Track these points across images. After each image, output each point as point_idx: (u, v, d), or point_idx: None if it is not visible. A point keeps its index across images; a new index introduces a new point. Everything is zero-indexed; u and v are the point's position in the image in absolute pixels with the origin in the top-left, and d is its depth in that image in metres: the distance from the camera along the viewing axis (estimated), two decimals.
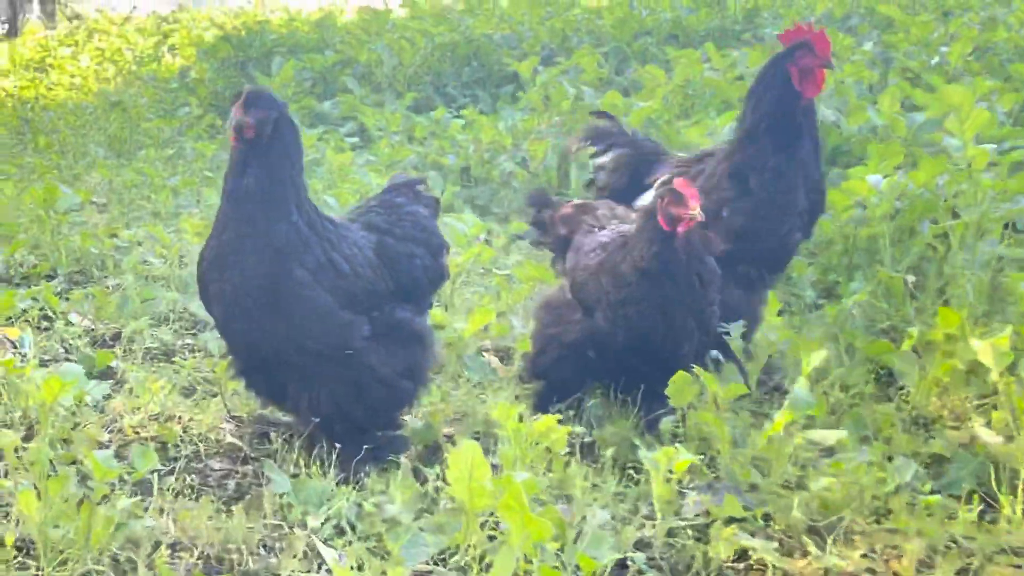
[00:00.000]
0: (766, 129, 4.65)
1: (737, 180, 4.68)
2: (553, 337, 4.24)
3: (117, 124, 11.83)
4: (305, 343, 3.75)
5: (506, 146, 8.89)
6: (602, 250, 4.15)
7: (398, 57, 12.20)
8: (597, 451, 3.99)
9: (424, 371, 4.06)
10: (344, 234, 3.91)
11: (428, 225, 4.22)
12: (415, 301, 4.09)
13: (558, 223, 4.53)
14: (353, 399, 3.86)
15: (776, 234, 4.67)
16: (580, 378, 4.26)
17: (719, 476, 3.72)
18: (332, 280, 3.77)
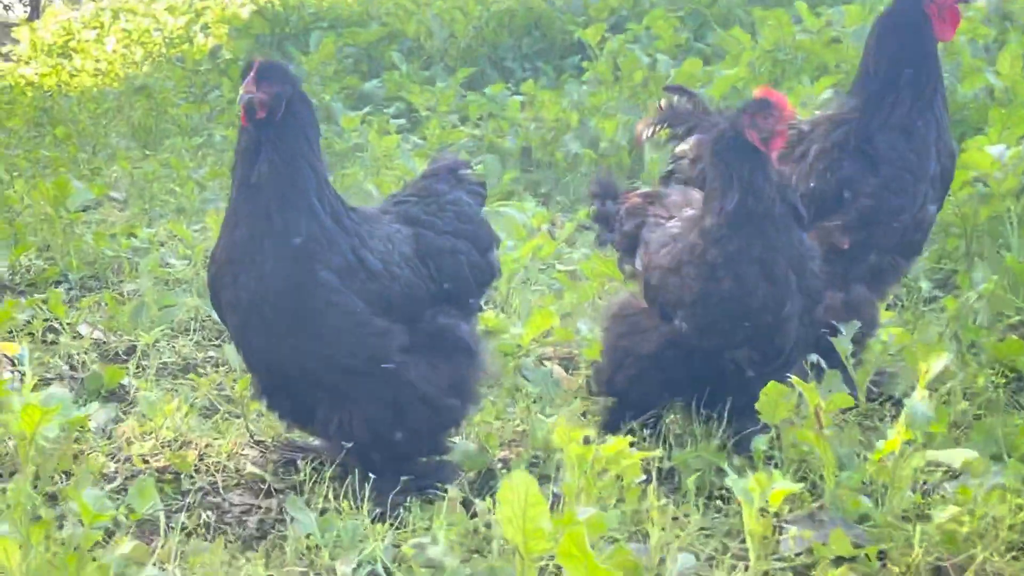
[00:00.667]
0: (894, 80, 4.47)
1: (859, 152, 4.49)
2: (627, 350, 4.04)
3: (141, 111, 11.83)
4: (334, 357, 3.60)
5: (571, 125, 8.76)
6: (676, 241, 3.93)
7: (449, 28, 12.09)
8: (677, 478, 3.79)
9: (473, 385, 3.90)
10: (375, 228, 3.76)
11: (474, 215, 4.04)
12: (461, 304, 3.92)
13: (624, 217, 4.30)
14: (391, 421, 3.69)
15: (910, 209, 4.45)
16: (659, 393, 4.06)
17: (823, 506, 3.48)
18: (363, 282, 3.61)
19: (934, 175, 4.47)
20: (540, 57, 11.72)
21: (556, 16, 11.90)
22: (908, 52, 4.46)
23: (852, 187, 4.44)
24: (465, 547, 3.31)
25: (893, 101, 4.46)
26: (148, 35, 19.71)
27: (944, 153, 4.51)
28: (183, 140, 10.47)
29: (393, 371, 3.64)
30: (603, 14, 11.59)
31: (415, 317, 3.74)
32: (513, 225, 6.53)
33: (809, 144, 4.57)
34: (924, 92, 4.45)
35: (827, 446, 3.48)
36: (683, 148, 4.97)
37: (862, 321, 4.33)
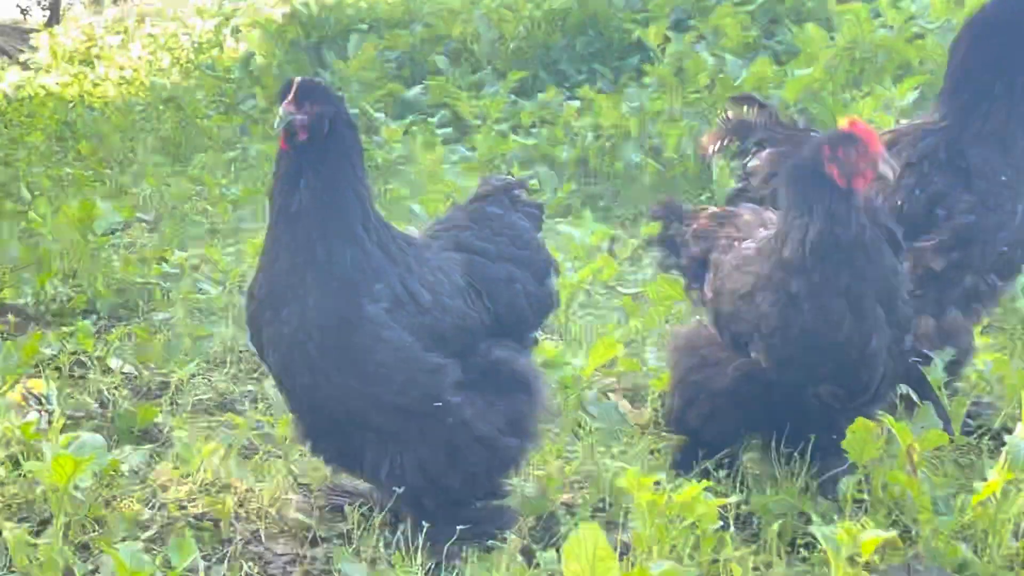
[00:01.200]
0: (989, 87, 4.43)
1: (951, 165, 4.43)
2: (699, 385, 4.03)
3: (171, 123, 11.92)
4: (383, 396, 3.58)
5: (631, 132, 8.71)
6: (750, 265, 3.90)
7: (498, 29, 12.09)
8: (757, 524, 3.77)
9: (532, 423, 3.86)
10: (425, 256, 3.76)
11: (531, 240, 4.04)
12: (517, 336, 3.92)
13: (691, 239, 4.29)
14: (445, 464, 3.68)
15: (1009, 226, 4.38)
16: (735, 431, 4.05)
17: (918, 555, 3.45)
18: (413, 316, 3.60)
19: None
20: (597, 59, 11.68)
21: (614, 14, 11.86)
22: (1006, 56, 4.40)
23: (945, 204, 4.39)
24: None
25: (987, 110, 4.40)
26: (176, 40, 19.87)
27: None
28: (215, 155, 10.54)
29: (447, 410, 3.63)
30: (664, 11, 11.53)
31: (469, 351, 3.73)
32: (571, 244, 6.53)
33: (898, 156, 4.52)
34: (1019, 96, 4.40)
35: (921, 488, 3.45)
36: (755, 164, 4.92)
37: (957, 348, 4.30)
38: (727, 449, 4.08)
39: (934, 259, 4.32)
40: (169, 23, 22.88)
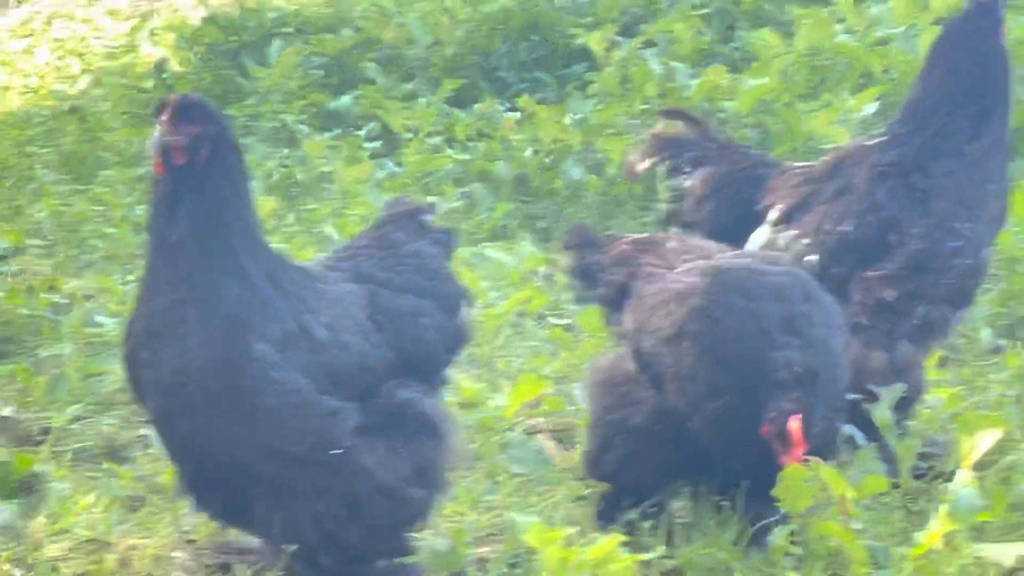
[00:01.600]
0: (951, 102, 4.49)
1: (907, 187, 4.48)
2: (617, 425, 4.03)
3: (74, 137, 11.82)
4: (274, 445, 3.57)
5: (574, 146, 8.73)
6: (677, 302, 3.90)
7: (433, 34, 12.09)
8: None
9: (441, 471, 3.86)
10: (321, 289, 3.74)
11: (439, 269, 4.07)
12: (425, 374, 3.92)
13: (612, 266, 4.30)
14: (345, 518, 3.67)
15: (967, 253, 4.46)
16: (657, 477, 4.04)
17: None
18: (307, 355, 3.59)
19: (993, 214, 4.48)
20: (540, 66, 11.67)
21: (559, 18, 11.88)
22: (974, 70, 4.45)
23: (898, 229, 4.43)
24: None
25: (949, 127, 4.45)
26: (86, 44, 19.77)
27: (1005, 188, 4.54)
28: (121, 172, 10.47)
29: (345, 457, 3.61)
30: (613, 15, 11.59)
31: (370, 392, 3.73)
32: (501, 270, 6.54)
33: (846, 178, 4.56)
34: (991, 118, 4.45)
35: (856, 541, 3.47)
36: (688, 184, 4.94)
37: (908, 384, 4.32)
38: (655, 498, 4.06)
39: (886, 289, 4.35)
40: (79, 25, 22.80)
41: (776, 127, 8.29)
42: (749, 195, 4.79)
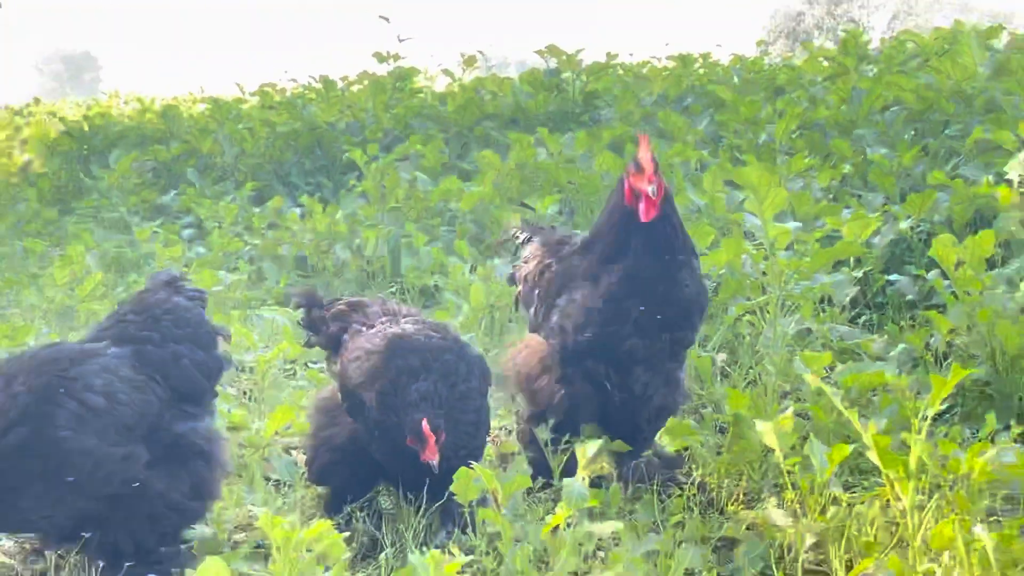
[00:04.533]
0: (594, 239, 4.52)
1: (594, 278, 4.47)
2: (324, 441, 4.11)
3: None
4: (92, 490, 3.54)
5: (343, 235, 8.81)
6: (366, 359, 4.02)
7: (240, 147, 12.11)
8: (380, 553, 3.85)
9: (211, 485, 3.85)
10: (89, 363, 3.66)
11: (193, 317, 4.01)
12: (196, 400, 3.90)
13: (330, 321, 4.40)
14: (147, 530, 3.68)
15: (599, 344, 4.37)
16: (362, 480, 4.13)
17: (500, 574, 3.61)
18: (94, 421, 3.54)
19: (638, 319, 4.30)
20: (322, 173, 11.79)
21: (336, 137, 12.05)
22: (609, 220, 4.45)
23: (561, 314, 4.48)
24: None
25: (591, 255, 4.48)
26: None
27: (663, 303, 4.31)
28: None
29: (144, 487, 3.61)
30: (377, 135, 11.78)
31: (154, 426, 3.71)
32: (275, 327, 6.61)
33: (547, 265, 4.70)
34: (610, 254, 4.38)
35: (505, 522, 3.62)
36: (526, 252, 4.98)
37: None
38: (366, 495, 4.17)
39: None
40: None
41: (489, 222, 8.52)
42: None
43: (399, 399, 3.84)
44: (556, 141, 9.40)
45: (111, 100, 24.17)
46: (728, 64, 13.60)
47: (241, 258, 8.94)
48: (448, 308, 6.82)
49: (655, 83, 12.41)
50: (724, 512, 4.18)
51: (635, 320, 4.29)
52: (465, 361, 4.04)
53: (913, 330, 5.73)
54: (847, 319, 6.19)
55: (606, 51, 13.28)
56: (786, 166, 7.92)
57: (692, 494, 4.21)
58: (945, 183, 6.91)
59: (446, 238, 8.50)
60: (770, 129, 9.26)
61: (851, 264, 6.35)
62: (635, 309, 4.28)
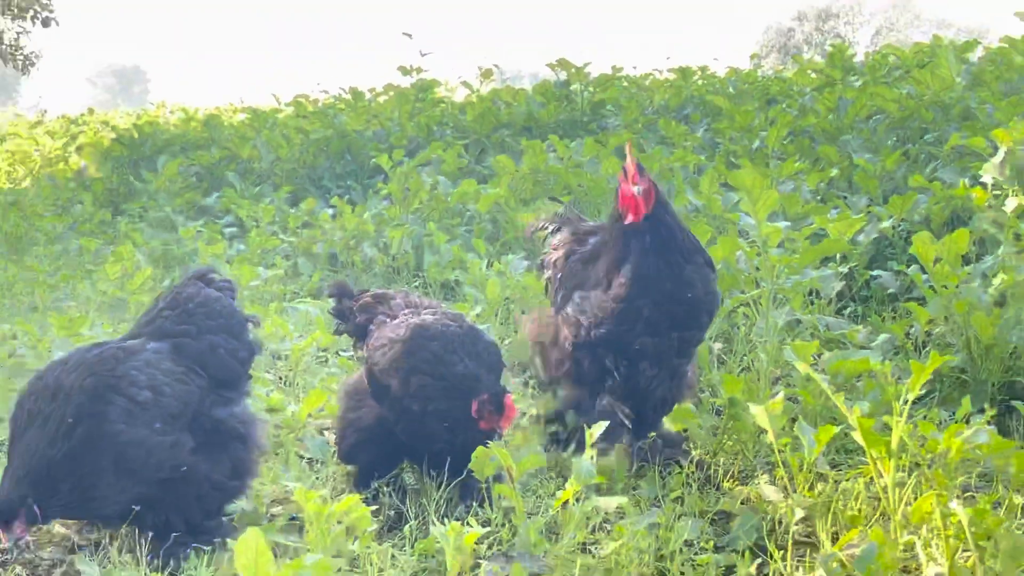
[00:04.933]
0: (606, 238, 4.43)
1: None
2: (352, 422, 4.10)
3: (13, 221, 11.53)
4: (146, 476, 3.56)
5: (370, 233, 8.81)
6: (390, 347, 4.01)
7: (276, 153, 12.11)
8: (404, 524, 3.85)
9: (249, 465, 3.84)
10: (132, 360, 3.65)
11: (224, 308, 3.95)
12: (232, 385, 3.89)
13: (357, 312, 4.39)
14: (192, 507, 3.68)
15: (614, 340, 4.28)
16: (387, 458, 4.12)
17: (515, 544, 3.61)
18: (141, 415, 3.54)
19: (648, 315, 4.20)
20: (351, 177, 11.79)
21: (364, 143, 12.04)
22: (610, 225, 4.41)
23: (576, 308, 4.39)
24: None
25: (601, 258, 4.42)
26: (29, 155, 19.26)
27: (671, 302, 4.20)
28: (46, 247, 10.27)
29: (191, 470, 3.62)
30: (402, 142, 11.77)
31: (197, 413, 3.70)
32: (308, 318, 6.62)
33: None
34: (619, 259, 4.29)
35: (518, 497, 3.63)
36: (554, 240, 4.90)
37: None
38: (391, 472, 4.17)
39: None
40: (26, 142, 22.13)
41: (504, 222, 8.50)
42: None
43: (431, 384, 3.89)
44: (566, 147, 9.37)
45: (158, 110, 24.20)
46: (724, 76, 13.55)
47: (278, 255, 8.96)
48: (467, 300, 6.82)
49: (657, 94, 12.39)
50: (720, 488, 4.17)
51: (646, 319, 4.20)
52: (480, 346, 4.02)
53: (895, 321, 5.72)
54: (834, 311, 6.17)
55: (612, 64, 13.32)
56: (778, 170, 7.91)
57: (691, 471, 4.21)
58: (924, 186, 6.89)
59: (465, 236, 8.49)
60: (763, 136, 9.24)
61: (837, 260, 6.34)
62: (646, 309, 4.19)
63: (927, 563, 3.25)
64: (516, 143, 10.93)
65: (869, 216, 6.70)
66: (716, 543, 3.65)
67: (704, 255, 4.36)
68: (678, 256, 4.23)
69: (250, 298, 7.49)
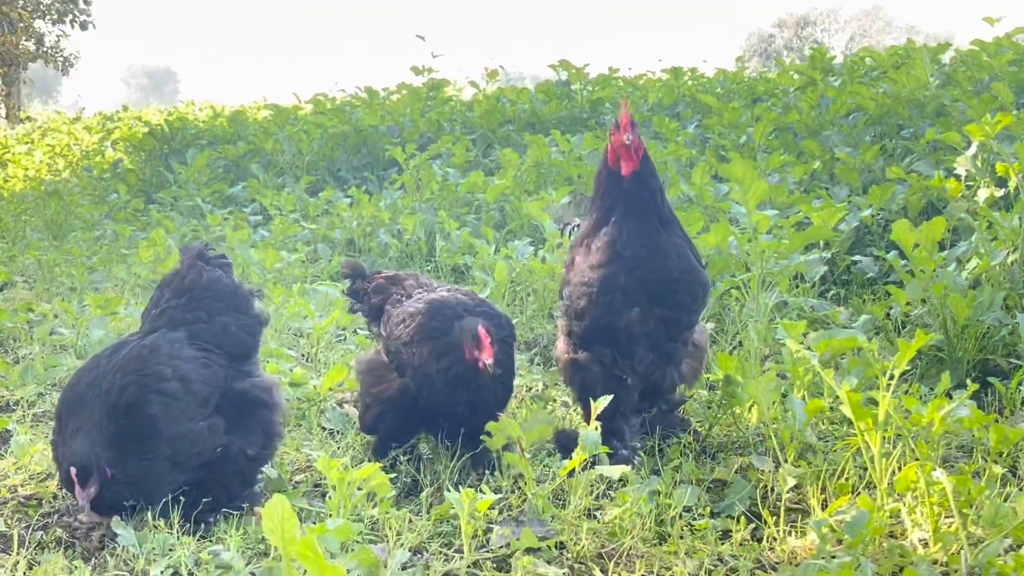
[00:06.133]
0: (591, 205, 4.07)
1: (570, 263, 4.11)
2: (375, 396, 4.02)
3: (54, 210, 11.48)
4: (189, 464, 3.50)
5: (385, 221, 8.75)
6: (411, 320, 3.94)
7: (297, 146, 12.02)
8: (419, 490, 3.78)
9: (276, 427, 3.74)
10: (157, 355, 3.54)
11: (227, 287, 3.79)
12: (246, 358, 3.78)
13: (371, 292, 4.31)
14: (230, 480, 3.61)
15: (593, 313, 3.91)
16: (407, 428, 4.04)
17: (524, 509, 3.55)
18: (178, 403, 3.46)
19: (625, 285, 3.84)
20: (368, 169, 11.71)
21: (379, 138, 11.96)
22: (596, 184, 4.09)
23: (565, 287, 4.06)
24: (253, 551, 3.30)
25: (583, 226, 4.15)
26: (69, 149, 19.20)
27: (645, 267, 3.84)
28: (84, 233, 10.20)
29: (226, 450, 3.55)
30: (414, 136, 11.69)
31: (223, 392, 3.62)
32: (328, 299, 6.55)
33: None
34: (599, 220, 3.99)
35: (528, 465, 3.57)
36: (572, 226, 4.75)
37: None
38: (409, 442, 4.10)
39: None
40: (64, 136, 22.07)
41: (510, 210, 8.43)
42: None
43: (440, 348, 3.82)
44: (567, 141, 9.30)
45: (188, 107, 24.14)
46: (713, 76, 13.44)
47: (299, 240, 8.90)
48: (476, 283, 6.74)
49: (651, 92, 12.27)
50: (716, 458, 4.10)
51: (623, 287, 3.83)
52: (495, 316, 3.95)
53: (874, 303, 5.64)
54: (817, 293, 6.11)
55: (609, 65, 13.22)
56: (764, 163, 7.82)
57: (688, 443, 4.14)
58: (902, 177, 6.81)
59: (474, 224, 8.41)
60: (750, 131, 9.17)
61: (821, 246, 6.27)
62: (622, 275, 3.83)
63: (912, 528, 3.19)
64: (520, 138, 10.85)
65: (850, 206, 6.63)
66: (713, 509, 3.59)
67: (681, 231, 4.00)
68: (655, 220, 3.89)
69: (274, 280, 7.42)
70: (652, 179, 3.97)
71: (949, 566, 2.98)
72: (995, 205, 6.10)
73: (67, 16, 29.82)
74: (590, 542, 3.27)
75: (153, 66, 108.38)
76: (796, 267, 5.58)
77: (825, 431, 4.27)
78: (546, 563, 3.17)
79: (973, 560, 2.90)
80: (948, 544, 3.03)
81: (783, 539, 3.29)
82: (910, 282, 5.12)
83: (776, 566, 3.15)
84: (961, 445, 4.02)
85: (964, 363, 4.82)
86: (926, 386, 4.65)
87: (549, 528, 3.38)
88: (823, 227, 5.91)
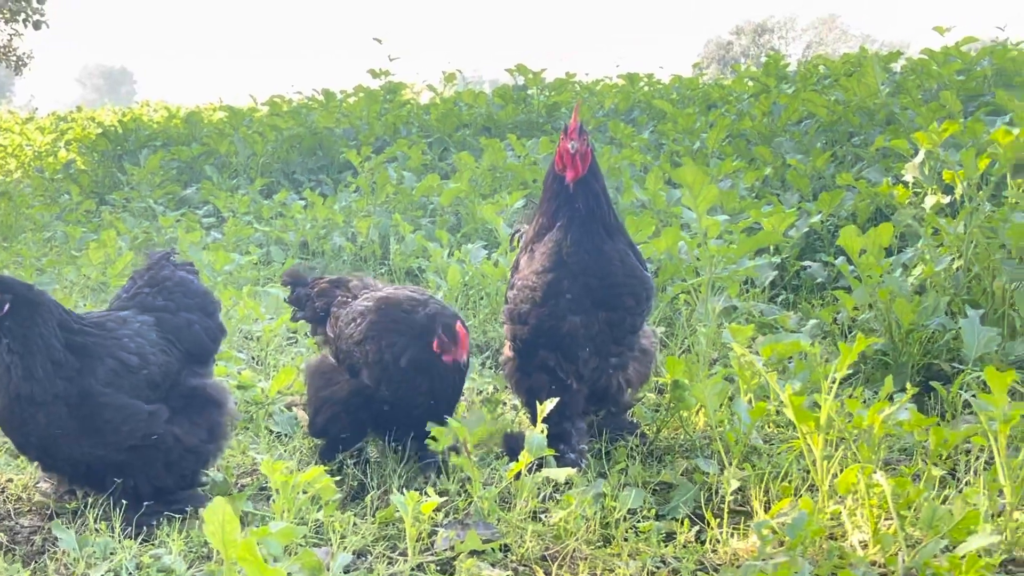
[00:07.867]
0: (537, 209, 4.07)
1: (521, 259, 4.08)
2: (325, 399, 4.00)
3: (4, 211, 11.31)
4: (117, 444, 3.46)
5: (339, 224, 8.72)
6: (361, 318, 3.93)
7: (252, 148, 11.94)
8: (366, 494, 3.76)
9: (223, 428, 3.75)
10: (123, 329, 3.60)
11: (198, 288, 3.94)
12: (203, 361, 3.84)
13: (315, 297, 4.30)
14: (164, 472, 3.58)
15: (535, 318, 3.92)
16: (356, 431, 4.02)
17: (470, 512, 3.55)
18: (129, 378, 3.48)
19: (569, 290, 3.85)
20: (323, 172, 11.66)
21: (335, 140, 11.92)
22: (544, 190, 4.07)
23: (510, 291, 4.07)
24: (195, 555, 3.27)
25: (529, 230, 4.13)
26: (20, 149, 18.93)
27: (589, 273, 3.84)
28: (34, 235, 10.07)
29: (163, 437, 3.53)
30: (370, 139, 11.66)
31: (174, 384, 3.64)
32: (278, 302, 6.50)
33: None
34: (545, 225, 3.99)
35: (474, 468, 3.56)
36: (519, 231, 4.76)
37: None
38: (357, 445, 4.06)
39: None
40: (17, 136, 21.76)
41: (465, 214, 8.43)
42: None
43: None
44: (523, 146, 9.33)
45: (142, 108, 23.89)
46: (668, 83, 13.53)
47: (252, 243, 8.84)
48: (430, 286, 6.74)
49: (607, 98, 12.34)
50: (663, 461, 4.12)
51: (567, 292, 3.83)
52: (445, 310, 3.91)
53: (823, 308, 5.70)
54: (767, 298, 6.16)
55: (565, 71, 13.25)
56: (717, 168, 7.88)
57: (635, 445, 4.16)
58: (851, 184, 6.90)
59: (428, 227, 8.40)
60: (703, 137, 9.24)
61: (771, 251, 6.33)
62: (566, 280, 3.83)
63: (852, 530, 3.23)
64: (476, 142, 10.87)
65: (800, 211, 6.70)
66: (658, 511, 3.61)
67: (627, 237, 4.00)
68: (600, 228, 3.88)
69: (225, 282, 7.36)
70: (597, 184, 3.96)
71: (887, 567, 3.02)
72: (941, 212, 6.18)
73: (20, 15, 29.42)
74: (535, 544, 3.28)
75: (109, 66, 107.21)
76: (746, 272, 5.62)
77: (771, 434, 4.31)
78: (490, 565, 3.18)
79: (910, 561, 2.94)
80: (887, 546, 3.07)
81: (726, 541, 3.32)
82: (857, 287, 5.18)
83: (718, 568, 3.17)
84: (903, 448, 4.07)
85: (909, 367, 4.88)
86: (871, 390, 4.70)
87: (494, 531, 3.38)
88: (773, 232, 5.97)
